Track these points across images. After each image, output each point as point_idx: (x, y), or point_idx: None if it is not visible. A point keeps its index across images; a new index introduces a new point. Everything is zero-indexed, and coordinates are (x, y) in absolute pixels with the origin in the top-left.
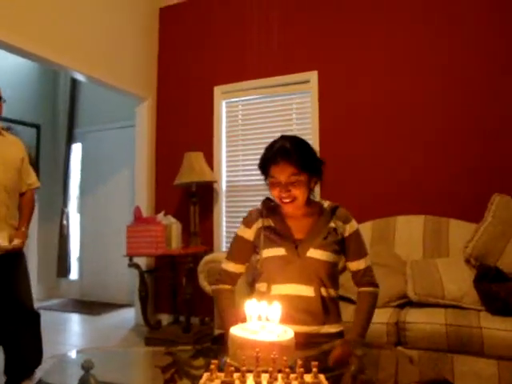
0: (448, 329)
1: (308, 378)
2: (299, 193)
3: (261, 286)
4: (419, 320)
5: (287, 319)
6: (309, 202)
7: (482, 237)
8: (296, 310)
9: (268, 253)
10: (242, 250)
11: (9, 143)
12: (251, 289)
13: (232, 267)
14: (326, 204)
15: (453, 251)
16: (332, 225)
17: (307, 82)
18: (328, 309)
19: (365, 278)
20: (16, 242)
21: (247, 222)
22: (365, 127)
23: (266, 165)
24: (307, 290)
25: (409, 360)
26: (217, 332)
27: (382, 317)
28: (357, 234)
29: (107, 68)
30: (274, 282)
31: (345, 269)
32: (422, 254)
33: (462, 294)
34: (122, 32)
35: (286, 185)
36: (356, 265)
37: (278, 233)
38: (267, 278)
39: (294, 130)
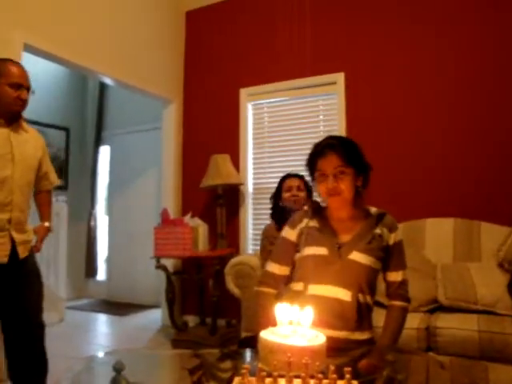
0: (481, 335)
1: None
2: (345, 186)
3: (296, 285)
4: (451, 325)
5: (318, 322)
6: (356, 205)
7: None
8: (329, 314)
9: (309, 251)
10: (285, 251)
11: (29, 140)
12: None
13: (276, 269)
14: (373, 210)
15: (485, 255)
16: (378, 231)
17: (334, 83)
18: (362, 315)
19: (399, 290)
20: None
21: (291, 223)
22: (393, 128)
23: (313, 160)
24: (344, 294)
25: (440, 366)
26: (243, 335)
27: (412, 322)
28: (400, 245)
29: (135, 71)
30: (310, 282)
31: None
32: (452, 257)
33: (496, 299)
34: (149, 36)
35: (332, 177)
36: (394, 276)
37: (322, 232)
38: (304, 276)
39: (320, 131)
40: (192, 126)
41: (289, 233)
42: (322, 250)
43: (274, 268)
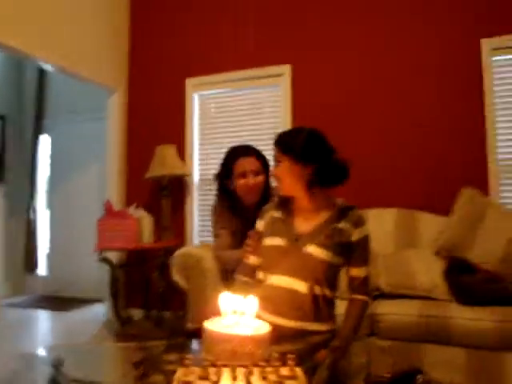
0: (419, 319)
1: (285, 371)
2: (280, 174)
3: (259, 274)
4: (391, 311)
5: (275, 311)
6: (318, 197)
7: (451, 230)
8: (286, 304)
9: (268, 241)
10: (257, 241)
11: None
12: (223, 278)
13: (247, 258)
14: (340, 203)
15: (423, 244)
16: (340, 225)
17: (280, 75)
18: (320, 308)
19: (362, 286)
20: None
21: (261, 214)
22: (337, 121)
23: None
24: (300, 286)
25: (381, 350)
26: (190, 326)
27: None
28: (365, 241)
29: (76, 58)
30: (270, 272)
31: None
32: (393, 246)
33: (433, 285)
34: (91, 20)
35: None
36: (357, 271)
37: (283, 223)
38: (265, 266)
39: (264, 123)
40: (137, 115)
41: (258, 224)
42: (280, 241)
43: (246, 258)
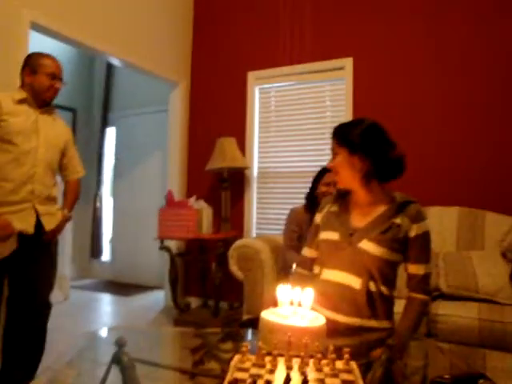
0: (481, 323)
1: (340, 364)
2: (338, 165)
3: (315, 268)
4: (451, 313)
5: (333, 307)
6: (376, 190)
7: None
8: (341, 300)
9: (324, 235)
10: (313, 235)
11: (56, 123)
12: (280, 274)
13: (306, 252)
14: (399, 197)
15: (488, 245)
16: (397, 221)
17: (342, 68)
18: (375, 305)
19: (420, 284)
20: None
21: (320, 208)
22: (400, 116)
23: None
24: (355, 281)
25: (439, 351)
26: (245, 317)
27: None
28: (424, 237)
29: (142, 53)
30: (325, 266)
31: None
32: (455, 246)
33: (497, 288)
34: (156, 17)
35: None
36: (415, 268)
37: (339, 217)
38: (320, 260)
39: (327, 117)
40: (199, 108)
41: (316, 217)
42: (335, 235)
43: (305, 251)
